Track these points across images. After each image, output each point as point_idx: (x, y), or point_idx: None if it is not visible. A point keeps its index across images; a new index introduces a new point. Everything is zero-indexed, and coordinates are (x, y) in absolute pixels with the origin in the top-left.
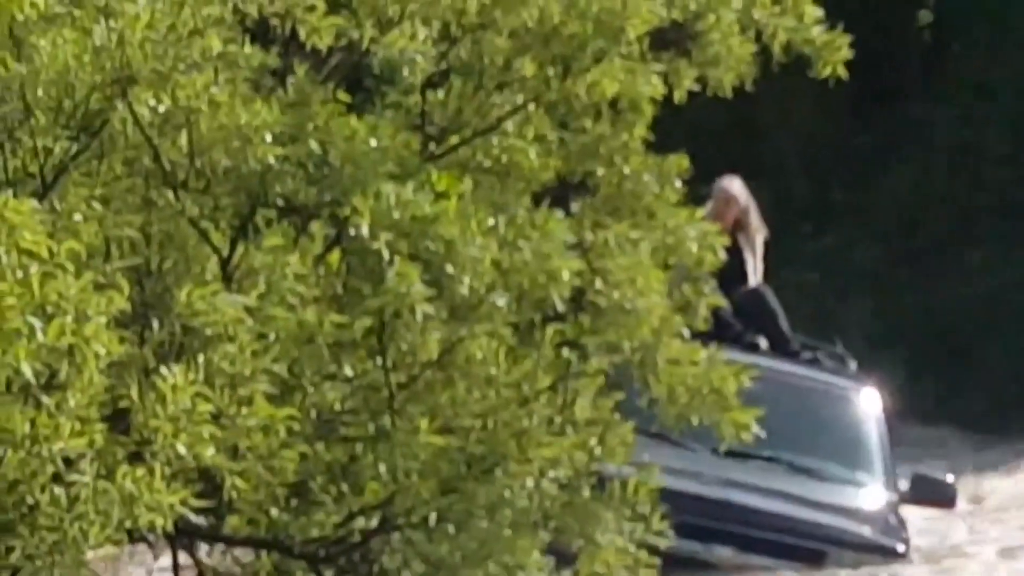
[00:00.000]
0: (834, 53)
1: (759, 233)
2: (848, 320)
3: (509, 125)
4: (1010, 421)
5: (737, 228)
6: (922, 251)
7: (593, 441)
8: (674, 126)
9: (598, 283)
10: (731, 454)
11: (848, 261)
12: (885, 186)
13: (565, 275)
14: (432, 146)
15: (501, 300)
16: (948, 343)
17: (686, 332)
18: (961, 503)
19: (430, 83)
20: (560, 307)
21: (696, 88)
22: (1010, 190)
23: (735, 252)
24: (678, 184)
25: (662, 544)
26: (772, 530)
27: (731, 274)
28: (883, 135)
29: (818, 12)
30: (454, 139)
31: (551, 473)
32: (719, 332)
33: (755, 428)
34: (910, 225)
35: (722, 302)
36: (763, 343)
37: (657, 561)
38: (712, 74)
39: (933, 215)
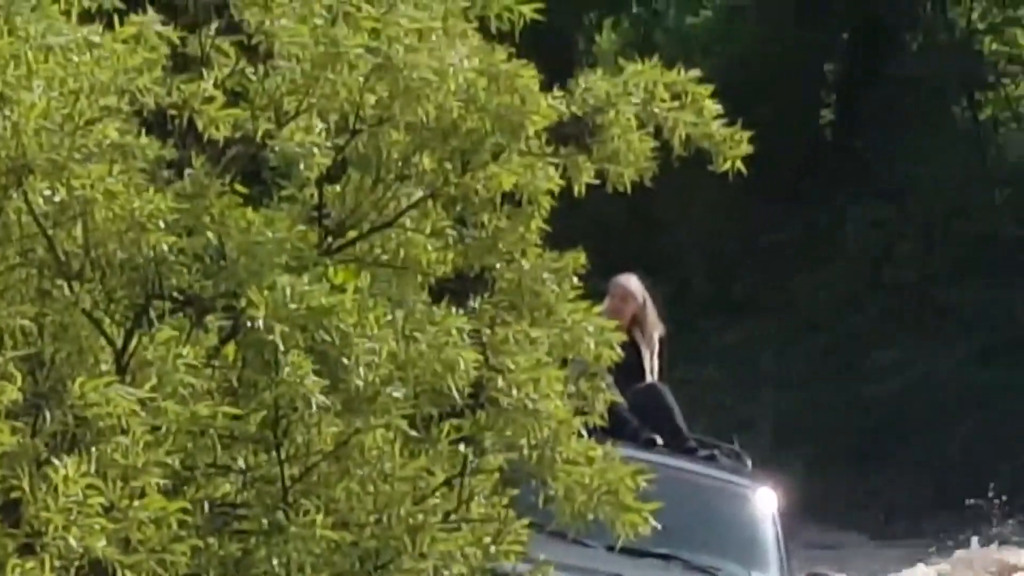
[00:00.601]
0: (734, 148)
1: (656, 330)
2: (751, 418)
3: (407, 219)
4: (911, 526)
5: (634, 324)
6: (828, 351)
7: (488, 538)
8: (573, 219)
9: (499, 381)
10: (627, 551)
11: (752, 359)
12: (791, 285)
13: (462, 365)
14: (329, 239)
15: (398, 392)
16: (852, 444)
17: (583, 428)
18: None
19: (327, 176)
20: (458, 401)
21: (596, 182)
22: (919, 293)
23: (632, 348)
24: (576, 280)
25: None
26: None
27: (628, 370)
28: (789, 234)
29: (717, 107)
30: (351, 233)
31: (446, 571)
32: (616, 428)
33: (651, 523)
34: (817, 325)
35: (619, 398)
36: (659, 440)
37: None
38: (612, 169)
39: (840, 316)
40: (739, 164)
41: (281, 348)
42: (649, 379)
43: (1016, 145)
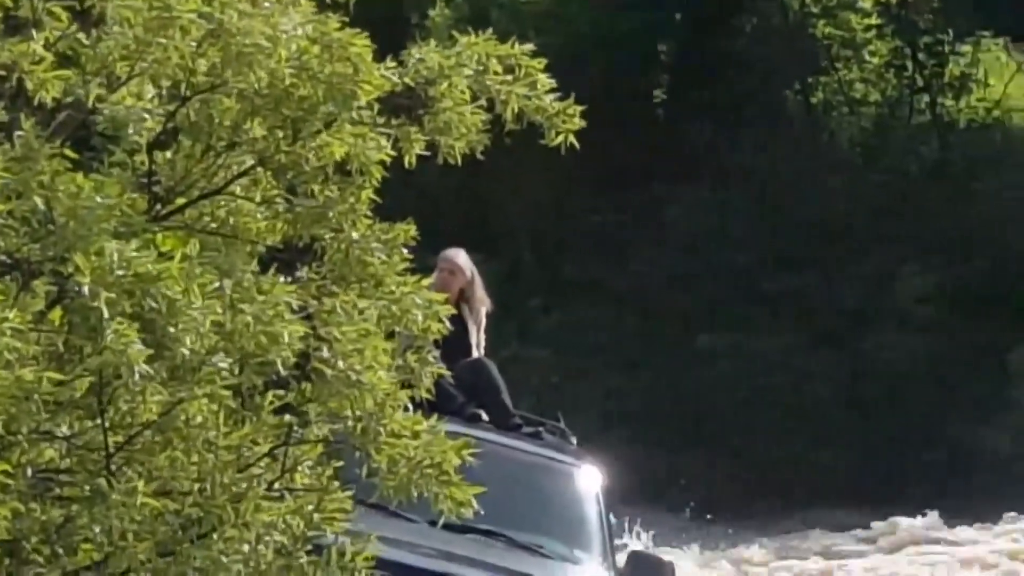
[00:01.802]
0: (566, 122)
1: (483, 305)
2: (578, 397)
3: (236, 187)
4: (733, 508)
5: (461, 299)
6: (656, 333)
7: (311, 507)
8: (404, 194)
9: (324, 351)
10: (449, 527)
11: (580, 339)
12: (620, 266)
13: (287, 338)
14: (158, 206)
15: (223, 363)
16: (677, 427)
17: (408, 401)
18: None
19: (158, 143)
20: (283, 372)
21: (427, 154)
22: (747, 276)
23: (459, 324)
24: (405, 252)
25: None
26: None
27: (454, 346)
28: (619, 215)
29: (551, 81)
30: (180, 200)
31: (268, 538)
32: (441, 403)
33: (474, 505)
34: (645, 307)
35: (446, 373)
36: (484, 416)
37: None
38: (443, 141)
39: (669, 298)
40: (571, 139)
41: (106, 315)
42: (475, 354)
43: (848, 130)
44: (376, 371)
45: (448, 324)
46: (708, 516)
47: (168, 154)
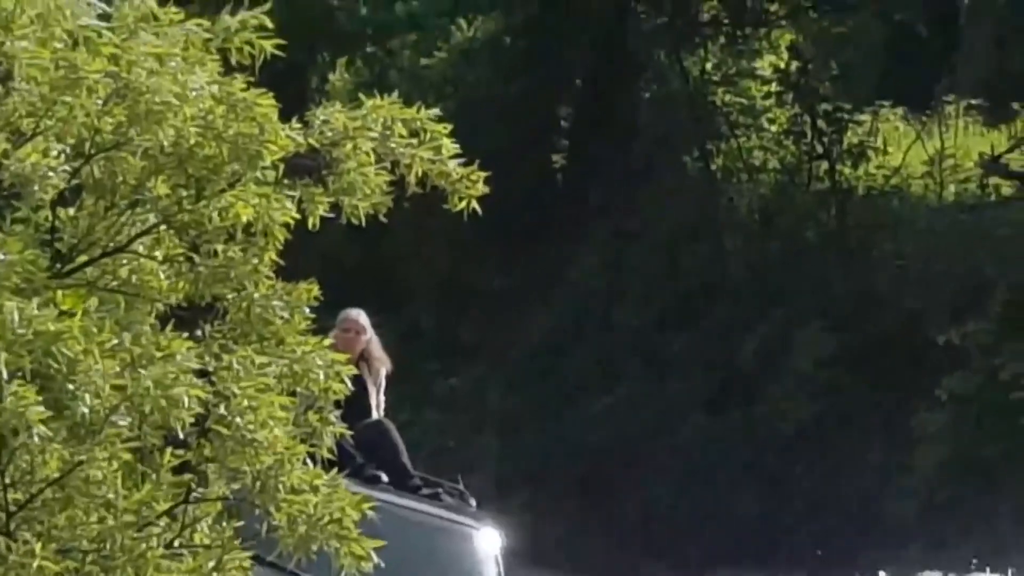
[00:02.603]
0: (469, 188)
1: (383, 366)
2: (474, 460)
3: (140, 245)
4: (634, 567)
5: (361, 359)
6: (552, 394)
7: (211, 565)
8: (306, 255)
9: (222, 409)
10: None
11: (477, 401)
12: (518, 328)
13: (186, 401)
14: (60, 264)
15: (122, 422)
16: (575, 487)
17: (308, 461)
18: None
19: (62, 200)
20: (180, 434)
21: (331, 215)
22: (642, 336)
23: (358, 385)
24: (307, 312)
25: None
26: None
27: (353, 406)
28: (518, 278)
29: (455, 147)
30: (83, 257)
31: None
32: (341, 464)
33: (374, 559)
34: (542, 368)
35: (346, 432)
36: (384, 477)
37: None
38: (347, 201)
39: (565, 359)
40: (474, 204)
41: (4, 375)
42: (375, 415)
43: (746, 196)
44: (272, 428)
45: (349, 384)
46: None
47: (72, 211)
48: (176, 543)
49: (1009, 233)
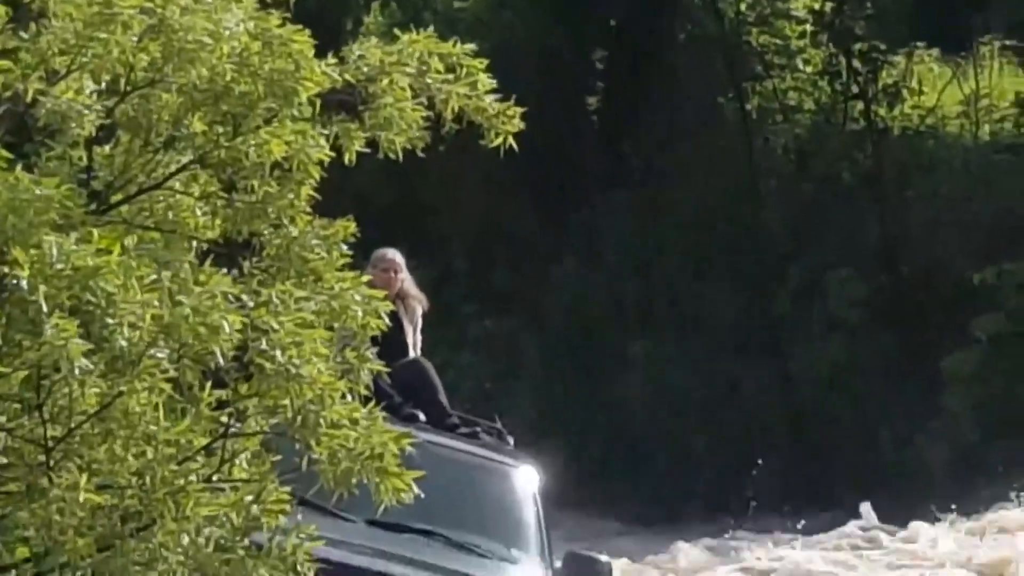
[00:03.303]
0: (506, 124)
1: (420, 304)
2: (508, 404)
3: (176, 183)
4: (667, 513)
5: (397, 298)
6: (585, 343)
7: (249, 500)
8: (339, 198)
9: (263, 343)
10: (388, 526)
11: (512, 346)
12: (552, 273)
13: (226, 329)
14: (97, 202)
15: (162, 355)
16: (607, 434)
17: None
18: None
19: (97, 138)
20: (222, 363)
21: (366, 151)
22: (676, 286)
23: (395, 323)
24: (345, 249)
25: None
26: None
27: (390, 345)
28: (552, 222)
29: (491, 82)
30: (119, 195)
31: (207, 531)
32: (378, 403)
33: (415, 491)
34: (575, 314)
35: (384, 370)
36: (422, 416)
37: None
38: (384, 136)
39: (598, 304)
40: (511, 140)
41: (45, 309)
42: (412, 354)
43: (781, 137)
44: (315, 364)
45: (387, 320)
46: (639, 522)
47: (107, 149)
48: (215, 478)
49: None
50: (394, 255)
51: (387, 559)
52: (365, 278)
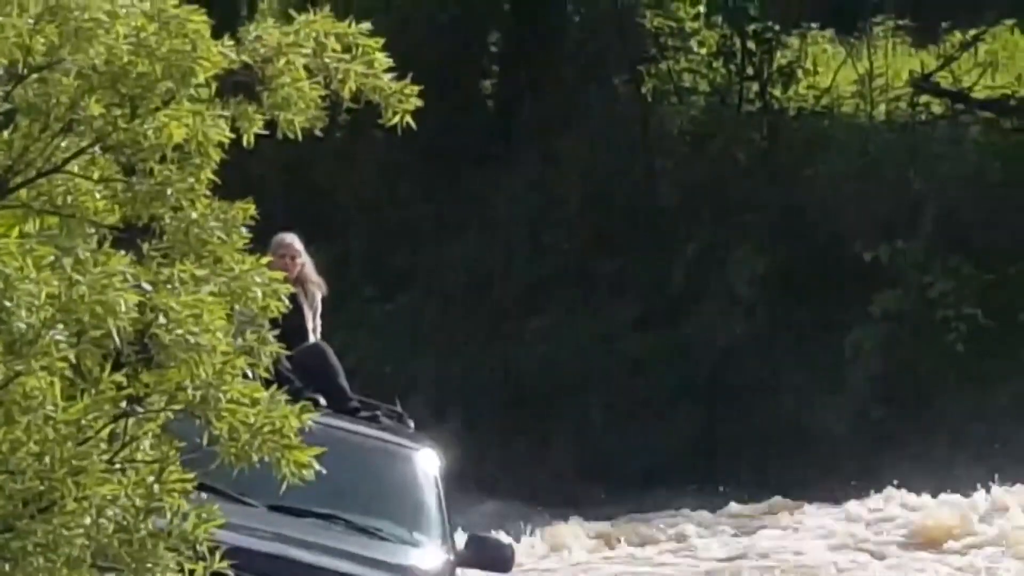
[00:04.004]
0: (403, 102)
1: (319, 289)
2: (410, 385)
3: (75, 166)
4: (568, 491)
5: (296, 283)
6: (484, 319)
7: (151, 480)
8: (236, 183)
9: (161, 319)
10: (288, 511)
11: (411, 327)
12: (449, 253)
13: (123, 307)
14: None
15: (60, 335)
16: (510, 410)
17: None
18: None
19: None
20: (118, 343)
21: (265, 133)
22: (574, 261)
23: (294, 308)
24: (244, 231)
25: None
26: None
27: (290, 330)
28: (448, 203)
29: (388, 60)
30: (18, 179)
31: (109, 512)
32: (279, 388)
33: (316, 467)
34: (473, 292)
35: (284, 352)
36: (322, 400)
37: None
38: (282, 116)
39: (496, 283)
40: (408, 119)
41: None
42: (312, 339)
43: (676, 118)
44: (214, 334)
45: (287, 303)
46: (539, 500)
47: (6, 134)
48: (117, 458)
49: (940, 151)
50: (292, 240)
51: (289, 543)
52: (265, 260)
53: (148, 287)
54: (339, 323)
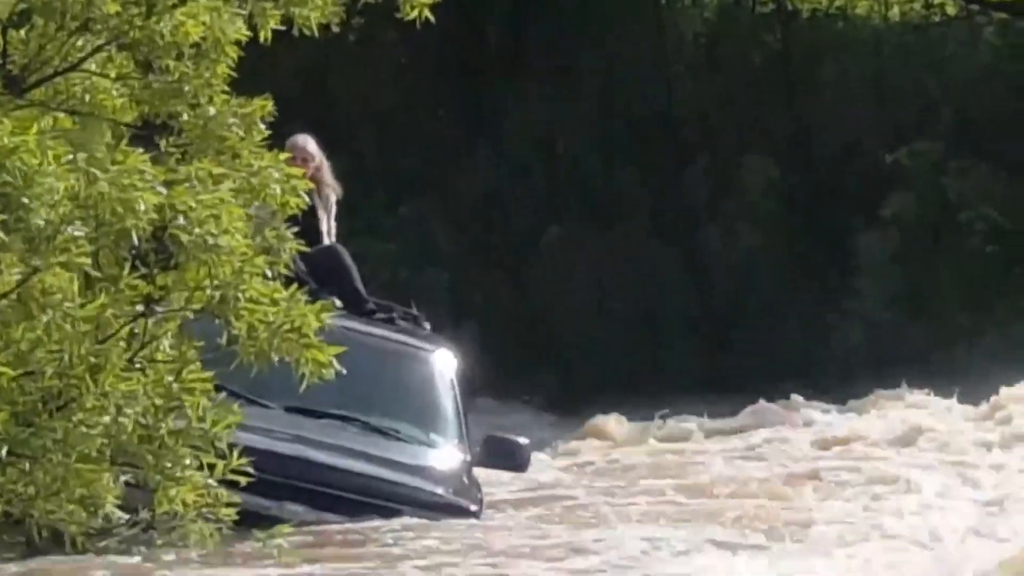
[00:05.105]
0: None
1: (333, 192)
2: (423, 293)
3: (92, 64)
4: (580, 398)
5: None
6: (498, 229)
7: (170, 379)
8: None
9: (180, 219)
10: (305, 412)
11: (424, 235)
12: (463, 164)
13: (142, 205)
14: (13, 85)
15: (78, 232)
16: (523, 320)
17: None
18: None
19: (12, 22)
20: (136, 241)
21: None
22: (588, 173)
23: (309, 209)
24: (263, 127)
25: (242, 481)
26: (345, 488)
27: (305, 232)
28: (462, 112)
29: None
30: (35, 78)
31: (128, 410)
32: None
33: (336, 366)
34: (487, 203)
35: (304, 248)
36: (338, 302)
37: (237, 499)
38: (299, 12)
39: (510, 194)
40: (426, 13)
41: None
42: (327, 241)
43: (691, 23)
44: (232, 235)
45: (306, 199)
46: (552, 408)
47: (21, 32)
48: (136, 357)
49: (955, 52)
50: (305, 142)
51: (306, 444)
52: (284, 156)
53: (164, 190)
54: (354, 231)
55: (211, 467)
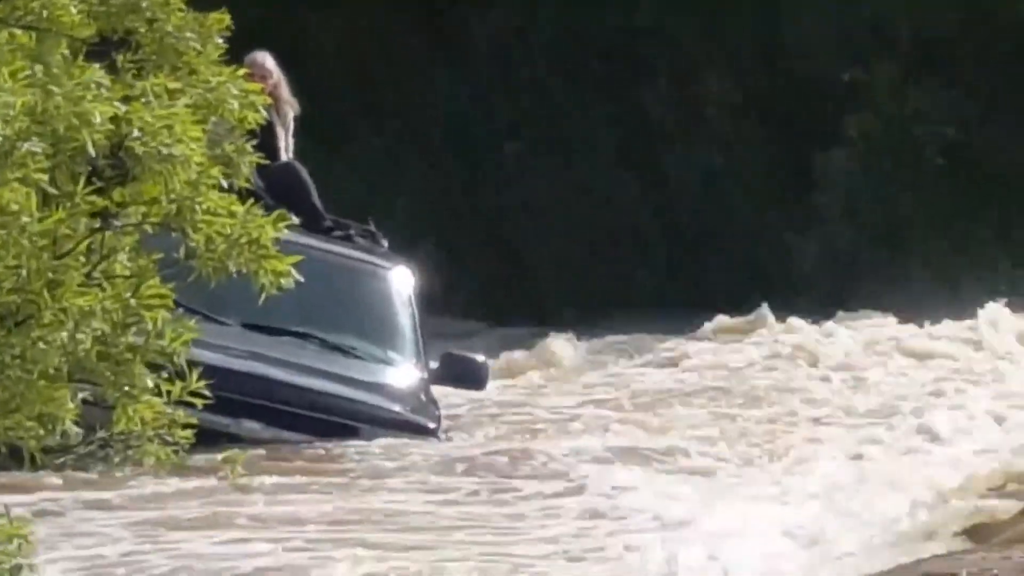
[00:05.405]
0: None
1: (291, 109)
2: (383, 212)
3: None
4: (542, 318)
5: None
6: (458, 147)
7: (128, 294)
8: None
9: (135, 131)
10: (262, 329)
11: (387, 156)
12: (424, 87)
13: (97, 118)
14: None
15: (36, 148)
16: (482, 241)
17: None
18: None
19: None
20: (92, 153)
21: None
22: (550, 91)
23: (267, 126)
24: (220, 42)
25: (199, 404)
26: (302, 406)
27: (262, 149)
28: (426, 35)
29: None
30: None
31: (85, 325)
32: None
33: (295, 275)
34: (449, 127)
35: (263, 161)
36: (295, 219)
37: (194, 420)
38: None
39: (472, 114)
40: None
41: None
42: (284, 158)
43: None
44: (188, 144)
45: (264, 114)
46: (512, 326)
47: None
48: (94, 272)
49: None
50: (263, 58)
51: (263, 361)
52: (242, 71)
53: (122, 106)
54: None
55: (168, 392)
